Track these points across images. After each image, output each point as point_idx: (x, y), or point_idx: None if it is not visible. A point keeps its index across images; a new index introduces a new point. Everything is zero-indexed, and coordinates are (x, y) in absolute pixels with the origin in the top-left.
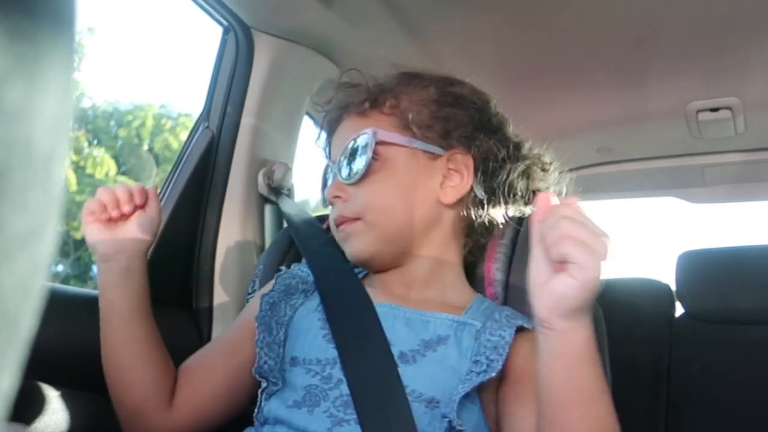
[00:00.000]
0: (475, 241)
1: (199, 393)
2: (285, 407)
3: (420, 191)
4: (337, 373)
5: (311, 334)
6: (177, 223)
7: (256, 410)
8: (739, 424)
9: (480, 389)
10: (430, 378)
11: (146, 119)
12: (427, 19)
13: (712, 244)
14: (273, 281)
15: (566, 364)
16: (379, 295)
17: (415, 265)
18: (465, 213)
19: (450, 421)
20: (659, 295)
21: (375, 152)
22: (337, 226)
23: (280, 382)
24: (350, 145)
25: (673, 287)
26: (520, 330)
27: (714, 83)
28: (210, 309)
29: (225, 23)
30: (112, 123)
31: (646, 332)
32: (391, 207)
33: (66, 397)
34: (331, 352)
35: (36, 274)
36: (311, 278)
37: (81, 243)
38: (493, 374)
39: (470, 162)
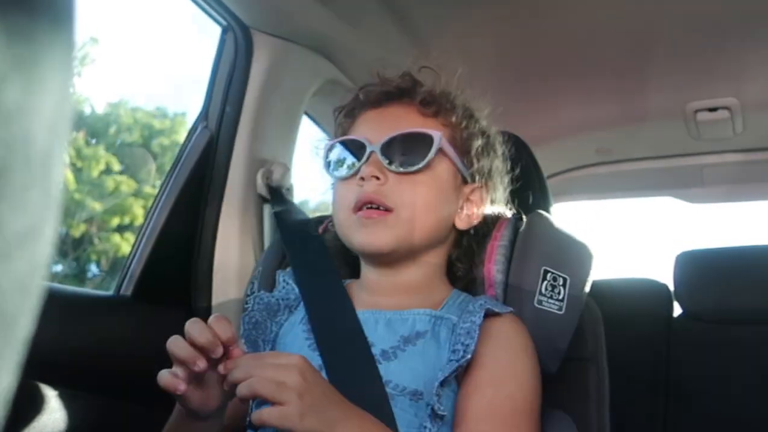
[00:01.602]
0: (464, 249)
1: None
2: None
3: (447, 209)
4: None
5: (296, 347)
6: (176, 223)
7: (247, 419)
8: (737, 423)
9: (457, 376)
10: (412, 371)
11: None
12: (425, 19)
13: (710, 244)
14: (250, 303)
15: None
16: (364, 301)
17: (411, 272)
18: (464, 235)
19: (432, 408)
20: (657, 295)
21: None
22: (362, 207)
23: None
24: (408, 137)
25: (672, 287)
26: (490, 315)
27: (712, 83)
28: (208, 309)
29: (224, 23)
30: (111, 123)
31: (645, 332)
32: (426, 212)
33: (64, 397)
34: (316, 360)
35: (34, 273)
36: (293, 293)
37: (79, 242)
38: (469, 356)
39: (486, 200)
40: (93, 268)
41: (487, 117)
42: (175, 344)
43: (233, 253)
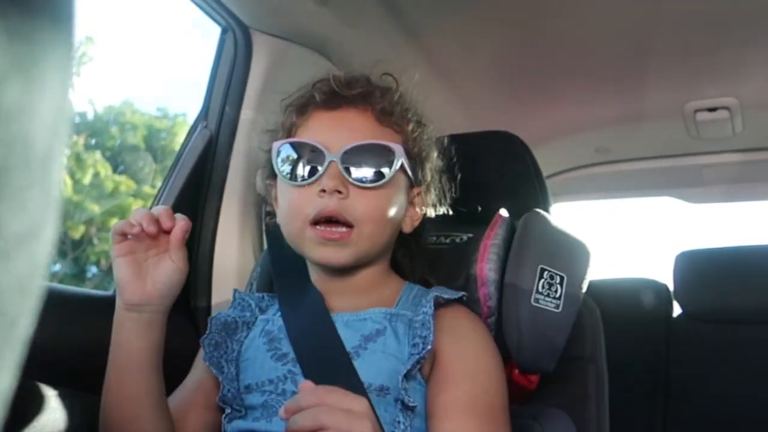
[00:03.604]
0: (408, 248)
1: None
2: (247, 423)
3: (398, 216)
4: (290, 386)
5: (259, 360)
6: None
7: None
8: (737, 423)
9: (421, 369)
10: (376, 367)
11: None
12: (424, 19)
13: (709, 244)
14: (209, 324)
15: None
16: None
17: (362, 275)
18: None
19: (402, 402)
20: (657, 295)
21: None
22: (322, 222)
23: (243, 410)
24: (370, 148)
25: (671, 287)
26: (442, 304)
27: (712, 83)
28: (207, 310)
29: (223, 23)
30: (110, 124)
31: (644, 332)
32: (384, 224)
33: (64, 397)
34: (280, 370)
35: (34, 273)
36: (249, 310)
37: (79, 243)
38: (429, 347)
39: (428, 201)
40: (92, 269)
41: (428, 120)
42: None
43: (232, 253)
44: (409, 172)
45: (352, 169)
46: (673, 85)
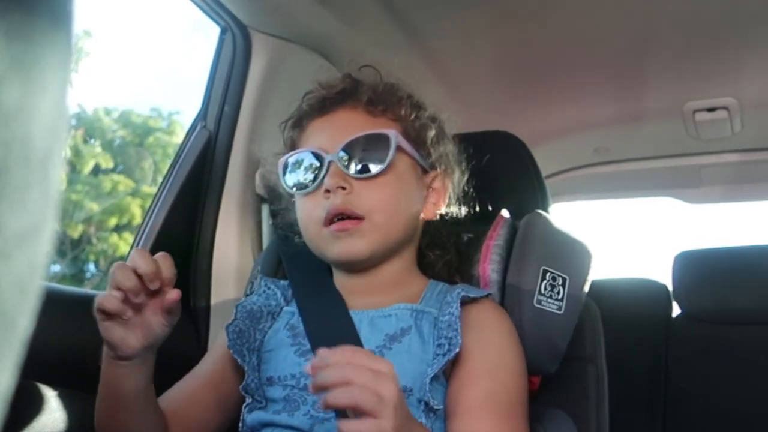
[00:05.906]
0: (431, 235)
1: (193, 428)
2: (267, 415)
3: (414, 203)
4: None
5: (282, 353)
6: (174, 223)
7: (240, 424)
8: (736, 424)
9: (444, 369)
10: (400, 368)
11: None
12: (423, 19)
13: (709, 245)
14: (234, 311)
15: None
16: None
17: (383, 272)
18: (430, 223)
19: (426, 403)
20: (656, 296)
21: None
22: (335, 220)
23: (264, 401)
24: (364, 140)
25: (670, 287)
26: (467, 303)
27: (711, 83)
28: (207, 309)
29: (222, 23)
30: (110, 122)
31: (644, 332)
32: (396, 213)
33: (63, 397)
34: (304, 365)
35: (33, 273)
36: (275, 299)
37: (78, 242)
38: (457, 350)
39: (448, 186)
40: (91, 268)
41: (432, 104)
42: (123, 272)
43: (232, 252)
44: (416, 156)
45: (351, 164)
46: (672, 85)
